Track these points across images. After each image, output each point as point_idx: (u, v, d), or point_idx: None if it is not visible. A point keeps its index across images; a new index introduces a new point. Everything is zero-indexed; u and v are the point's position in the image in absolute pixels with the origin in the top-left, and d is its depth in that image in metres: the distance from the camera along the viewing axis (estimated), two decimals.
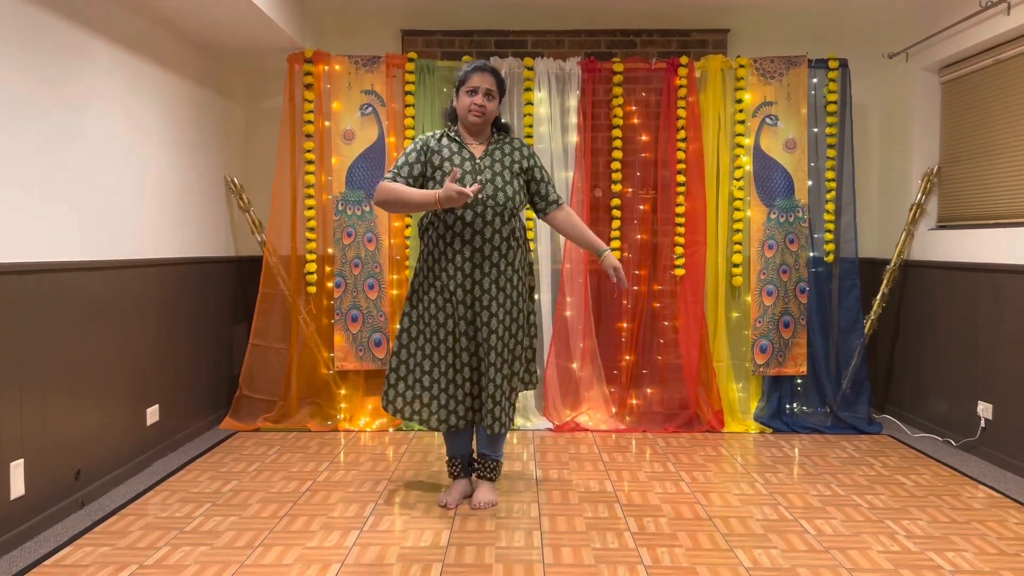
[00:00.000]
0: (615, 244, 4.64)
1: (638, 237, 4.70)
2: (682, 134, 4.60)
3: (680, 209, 4.62)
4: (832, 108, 4.63)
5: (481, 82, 3.11)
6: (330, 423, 4.55)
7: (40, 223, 2.98)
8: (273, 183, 4.61)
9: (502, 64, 4.62)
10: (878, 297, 4.76)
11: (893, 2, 4.53)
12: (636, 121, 4.71)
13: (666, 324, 4.68)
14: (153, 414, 3.86)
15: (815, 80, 4.66)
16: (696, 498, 3.36)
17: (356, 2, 4.65)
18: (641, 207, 4.71)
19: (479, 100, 3.11)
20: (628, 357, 4.68)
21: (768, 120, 4.63)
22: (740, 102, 4.61)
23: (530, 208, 3.37)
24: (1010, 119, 4.02)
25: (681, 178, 4.61)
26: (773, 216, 4.62)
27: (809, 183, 4.65)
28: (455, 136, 3.19)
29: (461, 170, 3.10)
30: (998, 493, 3.44)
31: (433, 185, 3.13)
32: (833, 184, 4.65)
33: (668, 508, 3.23)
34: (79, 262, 3.22)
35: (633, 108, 4.70)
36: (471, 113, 3.12)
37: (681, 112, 4.60)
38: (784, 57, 4.62)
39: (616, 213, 4.67)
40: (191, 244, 4.30)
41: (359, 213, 4.57)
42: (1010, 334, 3.84)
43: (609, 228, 4.64)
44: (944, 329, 4.41)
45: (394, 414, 3.25)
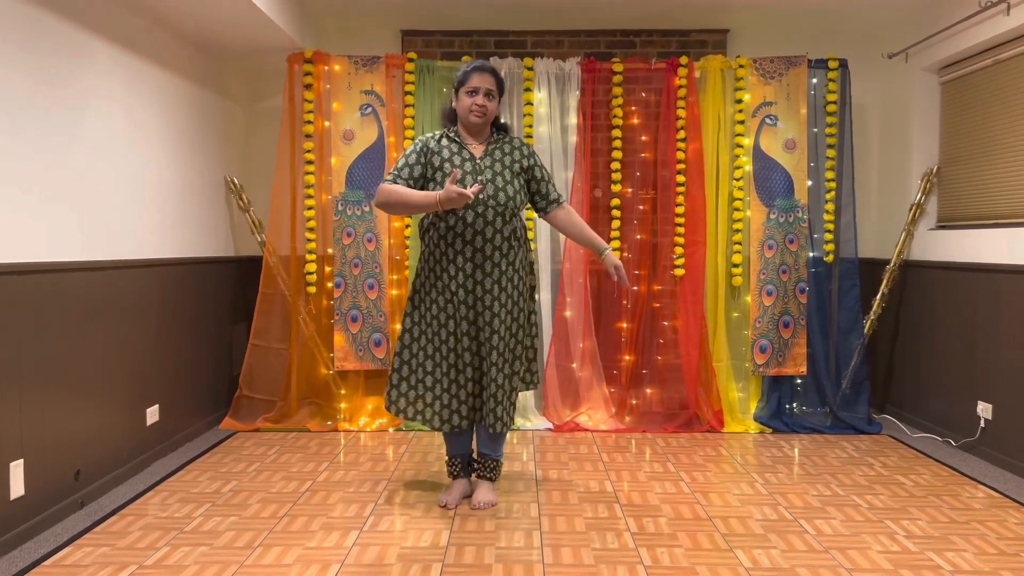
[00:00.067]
0: (615, 244, 4.64)
1: (638, 237, 4.70)
2: (682, 134, 4.60)
3: (680, 209, 4.63)
4: (832, 108, 4.63)
5: (481, 82, 3.11)
6: (330, 423, 4.55)
7: (40, 223, 2.98)
8: (273, 183, 4.61)
9: (502, 64, 4.62)
10: (878, 297, 4.76)
11: (893, 2, 4.53)
12: (636, 121, 4.71)
13: (666, 324, 4.68)
14: (153, 414, 3.86)
15: (815, 80, 4.66)
16: (696, 498, 3.36)
17: (356, 2, 4.65)
18: (641, 207, 4.71)
19: (480, 100, 3.11)
20: (628, 357, 4.68)
21: (768, 120, 4.63)
22: (740, 102, 4.61)
23: (530, 207, 3.38)
24: (1010, 119, 4.03)
25: (681, 178, 4.61)
26: (773, 216, 4.62)
27: (809, 183, 4.65)
28: (455, 137, 3.19)
29: (461, 171, 3.10)
30: (998, 493, 3.44)
31: (433, 186, 3.12)
32: (833, 184, 4.65)
33: (668, 508, 3.23)
34: (79, 262, 3.22)
35: (633, 108, 4.70)
36: (472, 113, 3.12)
37: (681, 112, 4.60)
38: (784, 57, 4.62)
39: (616, 213, 4.67)
40: (191, 244, 4.30)
41: (359, 213, 4.57)
42: (1009, 334, 3.85)
43: (609, 228, 4.64)
44: (944, 329, 4.41)
45: (397, 414, 3.25)
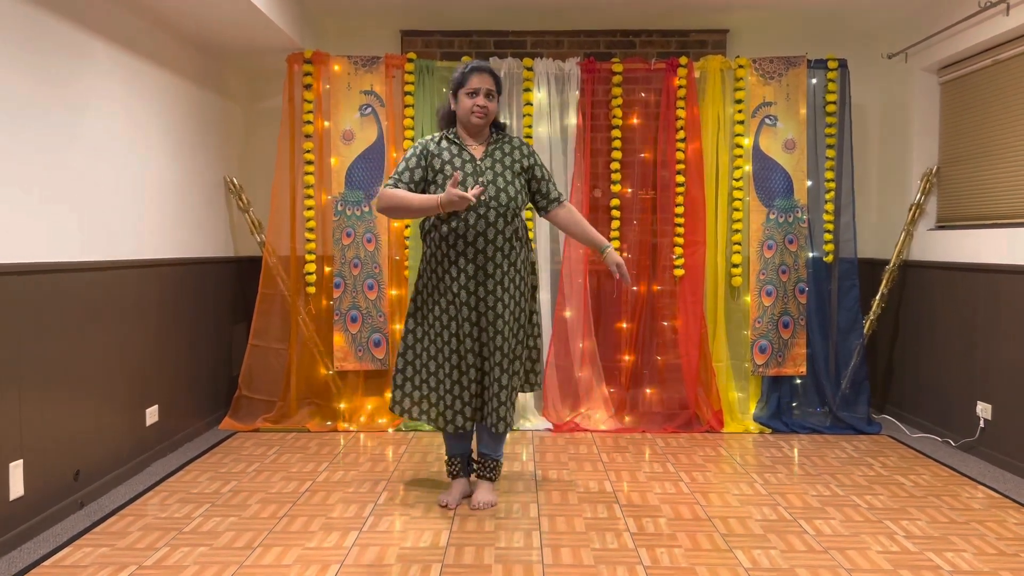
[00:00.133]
0: (614, 244, 4.64)
1: (637, 238, 4.70)
2: (681, 134, 4.60)
3: (679, 209, 4.63)
4: (831, 108, 4.63)
5: (481, 83, 3.11)
6: (329, 423, 4.55)
7: (40, 223, 2.98)
8: (272, 183, 4.61)
9: (501, 64, 4.62)
10: (877, 297, 4.76)
11: (893, 2, 4.53)
12: (635, 121, 4.71)
13: (665, 324, 4.68)
14: (152, 414, 3.86)
15: (814, 80, 4.66)
16: (695, 498, 3.36)
17: (355, 2, 4.65)
18: (640, 207, 4.71)
19: (481, 101, 3.11)
20: (627, 357, 4.68)
21: (767, 120, 4.63)
22: (739, 102, 4.61)
23: (530, 207, 3.37)
24: (1009, 119, 4.03)
25: (680, 178, 4.61)
26: (772, 216, 4.62)
27: (808, 183, 4.65)
28: (454, 138, 3.19)
29: (462, 172, 3.10)
30: (997, 493, 3.45)
31: (434, 189, 3.12)
32: (832, 184, 4.65)
33: (667, 508, 3.23)
34: (79, 262, 3.22)
35: (632, 108, 4.70)
36: (474, 115, 3.11)
37: (680, 112, 4.60)
38: (783, 57, 4.63)
39: (615, 213, 4.67)
40: (191, 244, 4.30)
41: (358, 213, 4.57)
42: (1009, 334, 3.85)
43: (608, 228, 4.64)
44: (943, 329, 4.41)
45: (401, 415, 3.25)
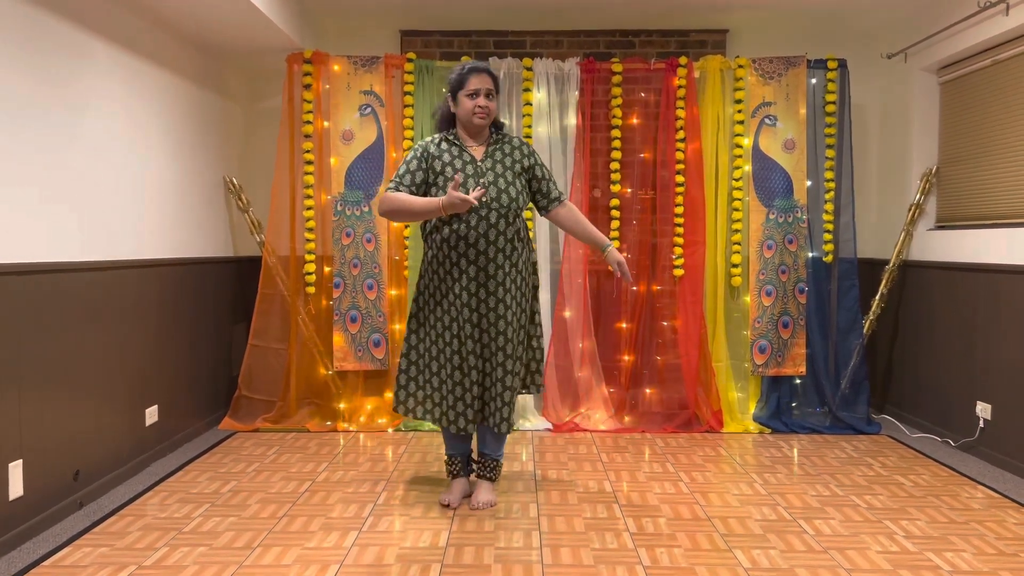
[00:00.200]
0: (614, 244, 4.63)
1: (637, 237, 4.70)
2: (681, 134, 4.60)
3: (679, 209, 4.63)
4: (831, 108, 4.63)
5: (481, 83, 3.10)
6: (329, 423, 4.55)
7: (40, 223, 2.98)
8: (272, 183, 4.61)
9: (501, 64, 4.62)
10: (877, 297, 4.76)
11: (892, 2, 4.53)
12: (635, 121, 4.71)
13: (665, 324, 4.68)
14: (152, 414, 3.86)
15: (814, 80, 4.66)
16: (695, 498, 3.36)
17: (355, 3, 4.65)
18: (640, 207, 4.71)
19: (482, 102, 3.11)
20: (627, 357, 4.68)
21: (767, 120, 4.63)
22: (739, 102, 4.61)
23: (531, 207, 3.37)
24: (1009, 119, 4.03)
25: (680, 178, 4.61)
26: (772, 216, 4.62)
27: (808, 183, 4.65)
28: (454, 140, 3.19)
29: (463, 174, 3.10)
30: (997, 493, 3.45)
31: (436, 191, 3.12)
32: (832, 184, 4.65)
33: (667, 508, 3.23)
34: (79, 262, 3.22)
35: (632, 108, 4.70)
36: (476, 116, 3.11)
37: (680, 112, 4.60)
38: (783, 57, 4.63)
39: (615, 213, 4.67)
40: (190, 244, 4.30)
41: (358, 213, 4.57)
42: (1009, 334, 3.85)
43: (608, 228, 4.64)
44: (943, 329, 4.41)
45: (406, 414, 3.26)
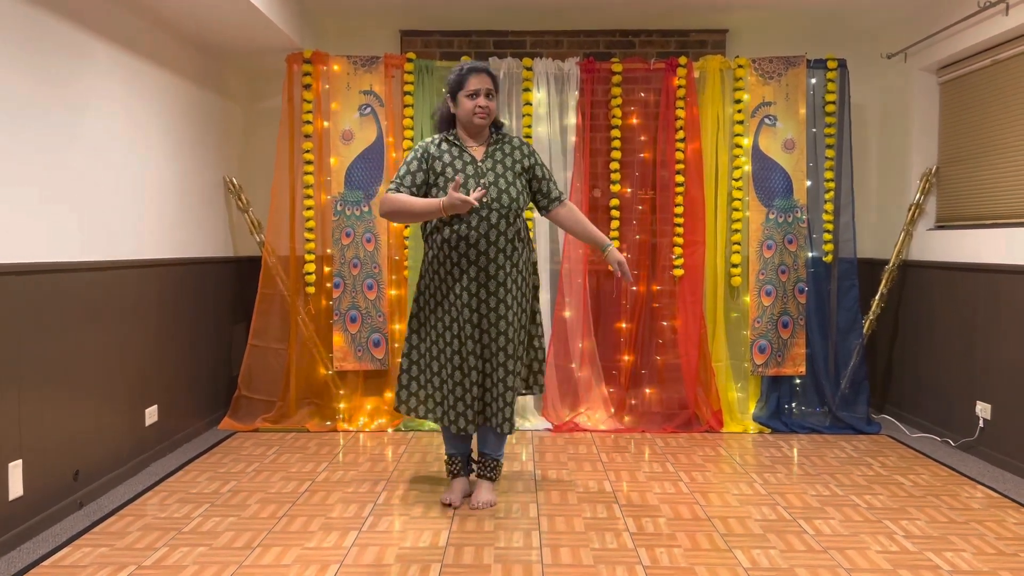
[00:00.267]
0: (614, 244, 4.64)
1: (637, 237, 4.70)
2: (681, 134, 4.60)
3: (679, 209, 4.63)
4: (831, 108, 4.63)
5: (480, 83, 3.11)
6: (329, 423, 4.55)
7: (40, 223, 2.98)
8: (272, 183, 4.61)
9: (500, 64, 4.62)
10: (877, 297, 4.76)
11: (892, 2, 4.54)
12: (635, 121, 4.71)
13: (665, 324, 4.68)
14: (152, 414, 3.86)
15: (814, 80, 4.66)
16: (695, 498, 3.36)
17: (355, 2, 4.65)
18: (640, 207, 4.71)
19: (482, 102, 3.11)
20: (627, 357, 4.68)
21: (767, 120, 4.63)
22: (739, 102, 4.61)
23: (531, 207, 3.37)
24: (1008, 119, 4.03)
25: (680, 178, 4.61)
26: (772, 216, 4.62)
27: (808, 183, 4.65)
28: (455, 140, 3.19)
29: (464, 175, 3.10)
30: (996, 493, 3.45)
31: (436, 192, 3.12)
32: (832, 184, 4.65)
33: (667, 508, 3.23)
34: (79, 262, 3.22)
35: (632, 108, 4.70)
36: (476, 116, 3.11)
37: (680, 112, 4.60)
38: (783, 57, 4.63)
39: (615, 213, 4.67)
40: (190, 244, 4.30)
41: (358, 213, 4.57)
42: (1008, 334, 3.85)
43: (608, 228, 4.64)
44: (943, 329, 4.41)
45: (408, 413, 3.27)
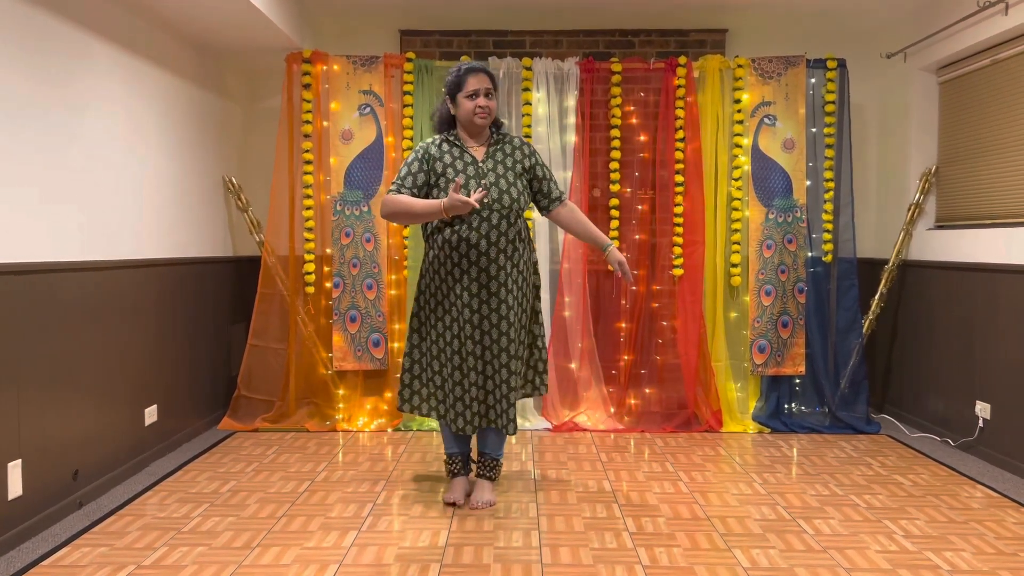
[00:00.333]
0: (614, 244, 4.64)
1: (636, 237, 4.70)
2: (680, 134, 4.60)
3: (678, 209, 4.63)
4: (830, 108, 4.63)
5: (479, 83, 3.11)
6: (328, 423, 4.55)
7: (40, 223, 2.98)
8: (271, 183, 4.61)
9: (500, 64, 4.62)
10: (876, 297, 4.76)
11: (891, 2, 4.54)
12: (634, 121, 4.71)
13: (664, 324, 4.68)
14: (151, 414, 3.86)
15: (813, 80, 4.66)
16: (694, 498, 3.36)
17: (354, 2, 4.65)
18: (639, 207, 4.71)
19: (482, 103, 3.11)
20: (626, 357, 4.68)
21: (766, 120, 4.63)
22: (738, 102, 4.61)
23: (532, 206, 3.37)
24: (1008, 119, 4.03)
25: (679, 178, 4.61)
26: (771, 216, 4.62)
27: (807, 183, 4.65)
28: (455, 141, 3.19)
29: (465, 175, 3.10)
30: (996, 493, 3.45)
31: (437, 192, 3.13)
32: (831, 184, 4.65)
33: (666, 508, 3.23)
34: (79, 262, 3.22)
35: (631, 108, 4.70)
36: (477, 116, 3.11)
37: (679, 112, 4.60)
38: (782, 57, 4.63)
39: (614, 213, 4.67)
40: (189, 244, 4.30)
41: (357, 213, 4.57)
42: (1008, 334, 3.85)
43: (608, 228, 4.64)
44: (942, 329, 4.41)
45: (411, 411, 3.28)
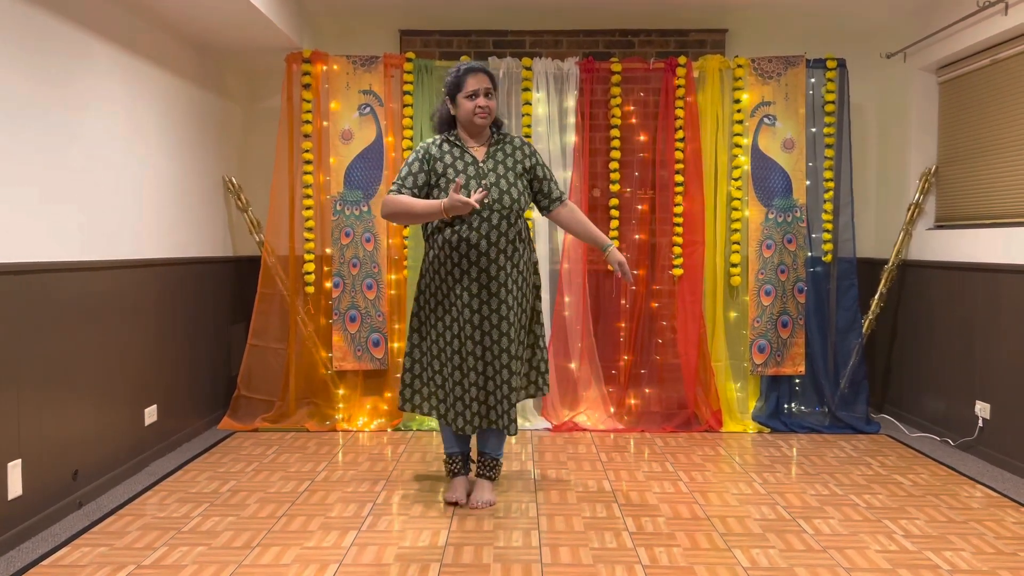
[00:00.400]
0: (614, 244, 4.64)
1: (636, 237, 4.70)
2: (680, 134, 4.61)
3: (678, 209, 4.63)
4: (830, 108, 4.63)
5: (479, 83, 3.11)
6: (328, 423, 4.55)
7: (40, 223, 2.98)
8: (271, 183, 4.61)
9: (500, 64, 4.62)
10: (876, 297, 4.76)
11: (891, 2, 4.54)
12: (634, 121, 4.71)
13: (664, 324, 4.68)
14: (151, 414, 3.86)
15: (813, 80, 4.66)
16: (694, 498, 3.36)
17: (354, 2, 4.65)
18: (639, 207, 4.71)
19: (482, 103, 3.11)
20: (626, 357, 4.68)
21: (766, 120, 4.63)
22: (738, 102, 4.61)
23: (532, 206, 3.37)
24: (1007, 119, 4.03)
25: (679, 178, 4.61)
26: (771, 216, 4.62)
27: (807, 183, 4.65)
28: (456, 141, 3.19)
29: (465, 176, 3.10)
30: (996, 492, 3.45)
31: (438, 193, 3.13)
32: (831, 184, 4.65)
33: (666, 508, 3.23)
34: (79, 262, 3.22)
35: (631, 108, 4.70)
36: (477, 116, 3.11)
37: (679, 112, 4.60)
38: (782, 57, 4.63)
39: (614, 213, 4.67)
40: (189, 244, 4.30)
41: (357, 213, 4.57)
42: (1008, 333, 3.85)
43: (607, 228, 4.64)
44: (942, 329, 4.41)
45: (412, 411, 3.29)
